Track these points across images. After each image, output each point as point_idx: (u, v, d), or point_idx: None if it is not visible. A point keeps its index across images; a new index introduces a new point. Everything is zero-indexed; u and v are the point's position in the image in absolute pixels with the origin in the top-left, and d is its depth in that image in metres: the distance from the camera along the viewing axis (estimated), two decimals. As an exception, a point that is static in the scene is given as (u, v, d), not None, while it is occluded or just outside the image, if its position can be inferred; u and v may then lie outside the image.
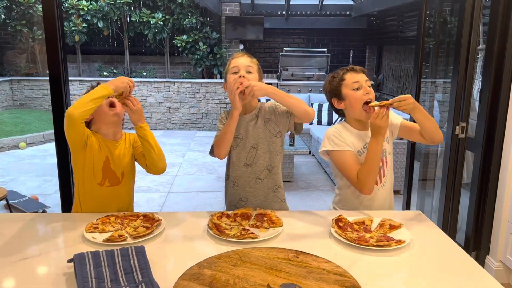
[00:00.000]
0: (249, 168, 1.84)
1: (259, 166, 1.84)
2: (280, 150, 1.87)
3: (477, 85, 3.06)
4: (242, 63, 1.77)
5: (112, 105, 1.76)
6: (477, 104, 2.83)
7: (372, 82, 7.84)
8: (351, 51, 8.25)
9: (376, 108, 1.69)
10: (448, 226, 2.79)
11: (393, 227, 1.57)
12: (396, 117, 1.89)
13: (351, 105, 1.78)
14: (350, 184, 1.80)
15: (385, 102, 1.69)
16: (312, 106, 6.59)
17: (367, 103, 1.75)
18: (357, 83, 1.76)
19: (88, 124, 1.80)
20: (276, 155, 1.85)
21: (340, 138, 1.77)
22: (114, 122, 1.79)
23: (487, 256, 2.75)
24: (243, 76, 1.73)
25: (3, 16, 7.78)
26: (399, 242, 1.44)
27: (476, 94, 3.07)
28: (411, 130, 1.84)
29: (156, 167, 1.80)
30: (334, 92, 1.82)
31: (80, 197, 1.81)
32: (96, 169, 1.77)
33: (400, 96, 1.69)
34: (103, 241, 1.43)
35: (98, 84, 1.70)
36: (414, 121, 1.81)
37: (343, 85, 1.78)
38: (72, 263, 1.24)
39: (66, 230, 1.62)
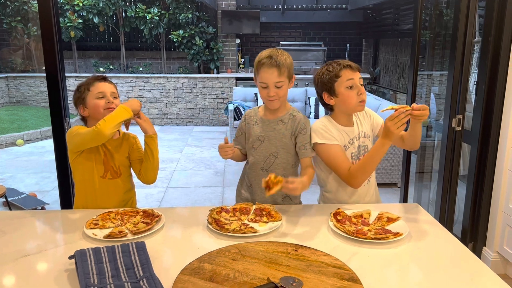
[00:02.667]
0: (265, 173, 1.83)
1: (275, 173, 1.83)
2: (296, 163, 1.87)
3: (473, 77, 3.07)
4: (271, 80, 1.72)
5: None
6: (473, 96, 2.84)
7: (369, 76, 7.86)
8: (348, 44, 8.24)
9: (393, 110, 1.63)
10: (445, 218, 2.82)
11: (390, 220, 1.59)
12: (378, 118, 1.92)
13: (344, 102, 1.77)
14: (338, 179, 1.82)
15: (406, 106, 1.60)
16: (309, 100, 6.59)
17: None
18: (351, 81, 1.74)
19: (83, 118, 1.87)
20: (292, 167, 1.85)
21: (328, 131, 1.77)
22: None
23: (484, 247, 2.78)
24: None
25: (-3, 12, 7.74)
26: (396, 234, 1.46)
27: (472, 86, 3.08)
28: None
29: (147, 177, 1.89)
30: (326, 87, 1.79)
31: (82, 191, 1.85)
32: (97, 163, 1.81)
33: (424, 105, 1.61)
34: (104, 237, 1.45)
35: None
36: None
37: (338, 82, 1.75)
38: (73, 260, 1.25)
39: (66, 226, 1.64)
